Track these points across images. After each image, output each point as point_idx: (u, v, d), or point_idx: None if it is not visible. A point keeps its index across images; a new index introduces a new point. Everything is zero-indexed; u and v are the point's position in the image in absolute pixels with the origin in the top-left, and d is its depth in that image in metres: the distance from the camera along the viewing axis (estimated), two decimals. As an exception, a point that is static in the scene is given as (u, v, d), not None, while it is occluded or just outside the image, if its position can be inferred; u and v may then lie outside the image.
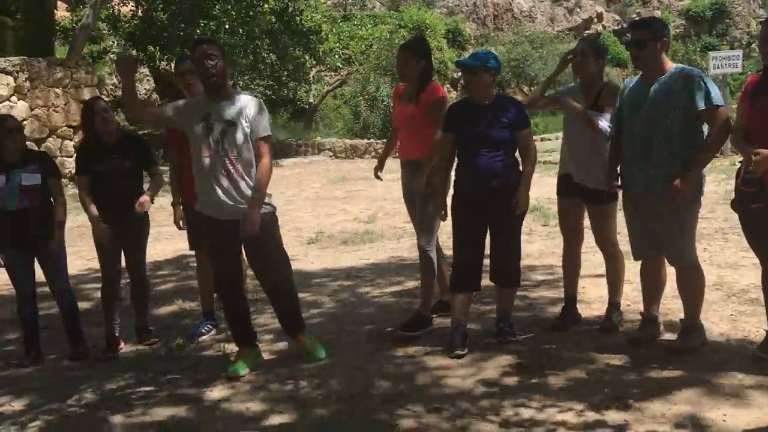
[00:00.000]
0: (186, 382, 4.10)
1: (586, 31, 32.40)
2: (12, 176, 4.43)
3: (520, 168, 4.31)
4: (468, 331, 4.36)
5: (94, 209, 4.53)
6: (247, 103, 3.98)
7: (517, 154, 4.34)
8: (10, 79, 11.91)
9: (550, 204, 8.52)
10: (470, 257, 4.37)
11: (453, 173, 4.48)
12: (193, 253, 5.16)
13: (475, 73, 4.22)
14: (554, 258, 6.44)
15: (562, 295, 4.73)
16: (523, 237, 5.38)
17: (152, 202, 4.67)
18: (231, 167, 3.91)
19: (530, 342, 4.34)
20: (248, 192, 3.93)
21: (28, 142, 12.15)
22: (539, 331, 4.55)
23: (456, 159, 4.43)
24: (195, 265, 5.28)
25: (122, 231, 4.60)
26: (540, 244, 7.02)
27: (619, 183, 4.15)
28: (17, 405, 3.95)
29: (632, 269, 4.54)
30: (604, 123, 4.20)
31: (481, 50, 4.51)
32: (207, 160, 3.93)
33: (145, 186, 4.73)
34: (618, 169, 4.14)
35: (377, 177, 5.12)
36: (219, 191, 3.92)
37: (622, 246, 4.50)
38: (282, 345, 4.59)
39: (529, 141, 4.32)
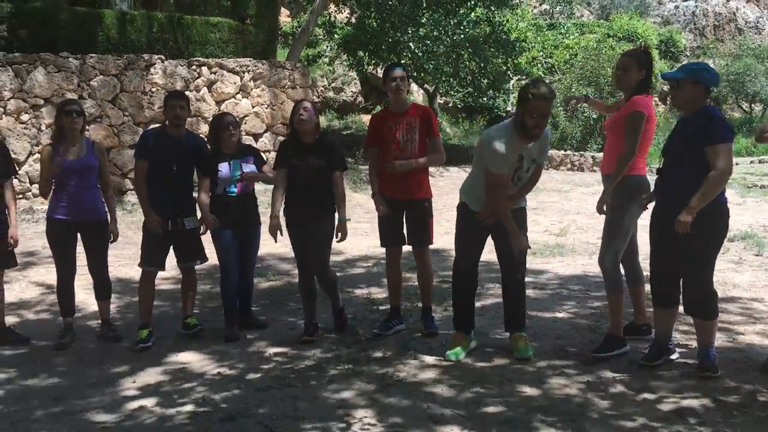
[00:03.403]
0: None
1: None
2: (234, 165, 4.95)
3: None
4: (672, 349, 4.24)
5: (277, 206, 4.86)
6: None
7: None
8: (237, 78, 13.13)
9: (766, 232, 7.82)
10: (661, 271, 4.18)
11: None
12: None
13: (679, 87, 4.03)
14: (766, 291, 5.92)
15: (773, 333, 4.36)
16: (731, 266, 5.00)
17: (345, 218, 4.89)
18: None
19: (734, 382, 4.03)
20: None
21: (246, 137, 13.25)
22: (746, 369, 4.21)
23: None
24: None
25: (309, 228, 4.87)
26: (750, 275, 6.46)
27: None
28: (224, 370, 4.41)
29: None
30: None
31: (693, 62, 4.31)
32: None
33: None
34: None
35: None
36: None
37: None
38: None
39: (715, 159, 3.86)
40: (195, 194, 5.10)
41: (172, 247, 5.09)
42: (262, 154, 5.31)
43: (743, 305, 5.60)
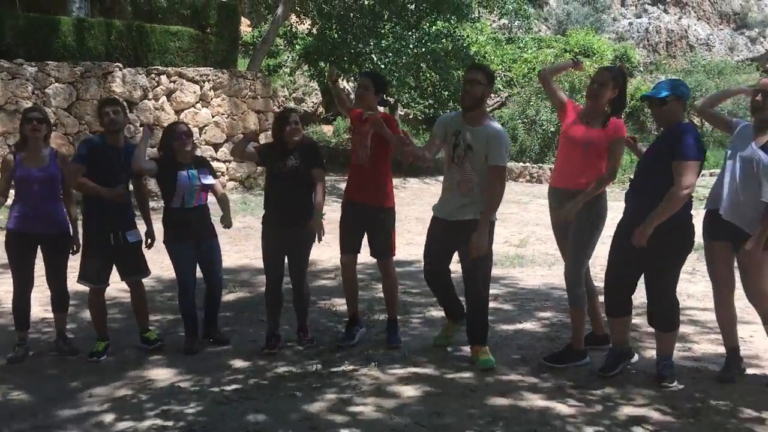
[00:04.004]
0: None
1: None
2: (191, 175, 4.89)
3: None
4: (630, 354, 4.32)
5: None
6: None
7: None
8: (197, 87, 13.02)
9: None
10: (623, 283, 4.26)
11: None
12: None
13: (664, 104, 4.06)
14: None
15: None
16: (685, 276, 5.11)
17: (321, 213, 4.84)
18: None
19: (690, 391, 4.13)
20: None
21: (206, 146, 13.14)
22: (701, 379, 4.32)
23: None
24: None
25: (286, 232, 4.87)
26: (704, 285, 6.64)
27: None
28: (185, 384, 4.34)
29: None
30: None
31: (670, 78, 4.42)
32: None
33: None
34: None
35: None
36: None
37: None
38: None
39: (678, 175, 3.92)
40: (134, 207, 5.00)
41: (114, 262, 4.93)
42: (222, 164, 5.25)
43: (697, 315, 5.75)
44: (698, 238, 4.21)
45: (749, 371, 4.41)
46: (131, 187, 5.07)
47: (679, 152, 3.94)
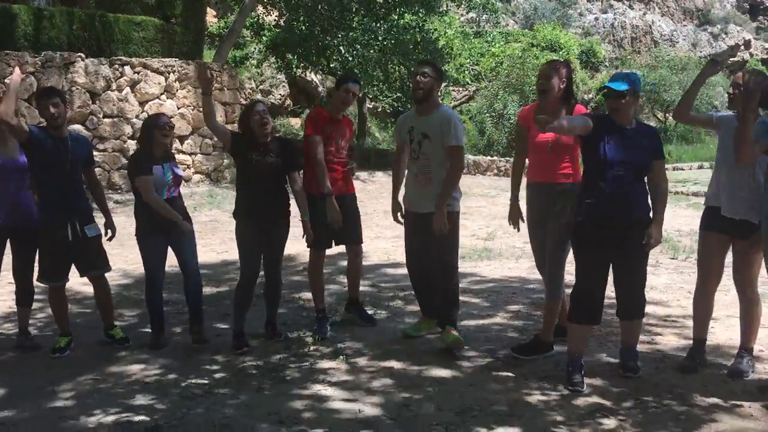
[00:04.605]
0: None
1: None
2: (165, 168, 4.82)
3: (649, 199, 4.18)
4: (583, 363, 4.26)
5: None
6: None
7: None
8: (162, 78, 12.82)
9: (680, 236, 8.20)
10: (593, 288, 4.17)
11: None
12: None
13: (623, 98, 4.04)
14: (681, 293, 6.19)
15: (690, 333, 4.55)
16: (649, 269, 5.20)
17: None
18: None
19: (653, 380, 4.20)
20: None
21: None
22: (664, 369, 4.39)
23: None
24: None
25: (266, 229, 4.82)
26: (666, 278, 6.76)
27: None
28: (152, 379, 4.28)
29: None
30: None
31: (624, 71, 4.44)
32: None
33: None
34: None
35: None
36: None
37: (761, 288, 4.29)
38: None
39: (663, 173, 4.21)
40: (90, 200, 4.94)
41: (72, 256, 4.78)
42: (188, 156, 5.20)
43: (660, 307, 5.84)
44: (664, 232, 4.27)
45: (710, 361, 4.50)
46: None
47: (661, 151, 4.21)
